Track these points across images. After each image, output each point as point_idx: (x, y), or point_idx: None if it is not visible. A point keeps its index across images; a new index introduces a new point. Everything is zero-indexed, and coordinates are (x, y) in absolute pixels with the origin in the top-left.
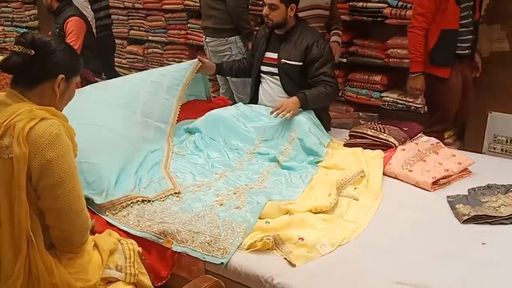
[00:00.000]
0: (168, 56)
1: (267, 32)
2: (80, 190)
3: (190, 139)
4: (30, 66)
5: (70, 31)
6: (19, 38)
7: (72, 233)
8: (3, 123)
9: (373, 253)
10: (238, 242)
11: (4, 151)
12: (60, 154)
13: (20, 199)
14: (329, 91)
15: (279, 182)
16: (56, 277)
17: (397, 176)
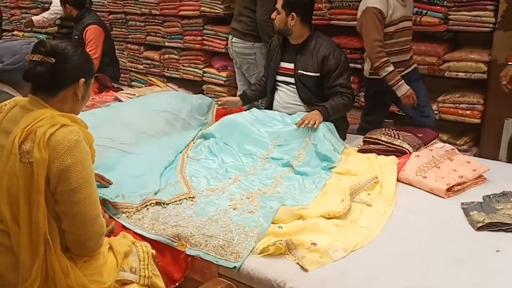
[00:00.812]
0: (184, 62)
1: (281, 42)
2: (96, 197)
3: (205, 144)
4: (52, 74)
5: (90, 40)
6: (37, 47)
7: (87, 238)
8: (25, 128)
9: (385, 259)
10: (251, 246)
11: (25, 155)
12: (79, 160)
13: (38, 203)
14: (346, 101)
15: (292, 187)
16: (72, 279)
17: (411, 183)
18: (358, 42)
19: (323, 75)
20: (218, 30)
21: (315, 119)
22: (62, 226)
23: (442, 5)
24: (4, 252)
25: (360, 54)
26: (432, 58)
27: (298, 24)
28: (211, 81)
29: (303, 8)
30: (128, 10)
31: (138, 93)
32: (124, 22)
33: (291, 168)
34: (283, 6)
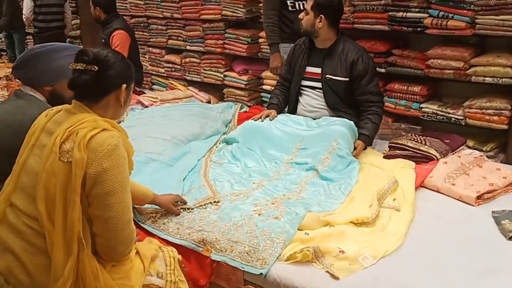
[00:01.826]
0: (205, 66)
1: (307, 47)
2: (129, 203)
3: (228, 149)
4: (96, 81)
5: (116, 45)
6: (79, 56)
7: (117, 243)
8: (67, 129)
9: (415, 267)
10: (277, 253)
11: (64, 154)
12: (116, 164)
13: (74, 202)
14: (379, 113)
15: (317, 193)
16: (101, 282)
17: (439, 190)
18: (382, 46)
19: (352, 80)
20: (239, 34)
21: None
22: (94, 229)
23: (469, 9)
24: (37, 253)
25: (384, 58)
26: (458, 63)
27: (326, 27)
28: (232, 84)
29: (332, 12)
30: (150, 14)
31: (160, 97)
32: (146, 26)
33: (315, 172)
34: (312, 8)
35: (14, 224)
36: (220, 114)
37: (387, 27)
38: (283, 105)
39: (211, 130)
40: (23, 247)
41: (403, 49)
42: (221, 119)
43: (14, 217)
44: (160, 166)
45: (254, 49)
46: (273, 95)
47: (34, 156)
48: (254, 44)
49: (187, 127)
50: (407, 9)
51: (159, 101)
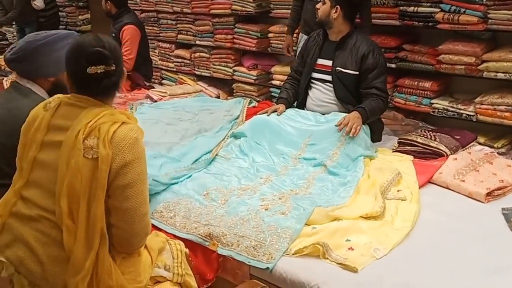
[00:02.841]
0: (214, 60)
1: (321, 39)
2: (147, 195)
3: (236, 143)
4: (117, 79)
5: (126, 40)
6: (96, 57)
7: (133, 234)
8: (88, 124)
9: (423, 265)
10: (283, 248)
11: (88, 151)
12: (137, 157)
13: (99, 198)
14: (382, 105)
15: (325, 189)
16: (113, 279)
17: (448, 186)
18: (393, 41)
19: (361, 74)
20: (249, 29)
21: (357, 124)
22: (112, 220)
23: (481, 3)
24: (51, 244)
25: (394, 53)
26: (470, 58)
27: (340, 18)
28: (241, 79)
29: (348, 4)
30: (160, 8)
31: (170, 91)
32: (156, 21)
33: (323, 168)
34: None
35: (28, 215)
36: (227, 112)
37: (398, 22)
38: (292, 99)
39: (218, 127)
40: (37, 237)
41: (414, 44)
42: (228, 116)
43: (27, 209)
44: (168, 160)
45: (263, 44)
46: (283, 89)
47: (47, 152)
48: (263, 39)
49: (194, 126)
50: (418, 3)
51: (168, 96)
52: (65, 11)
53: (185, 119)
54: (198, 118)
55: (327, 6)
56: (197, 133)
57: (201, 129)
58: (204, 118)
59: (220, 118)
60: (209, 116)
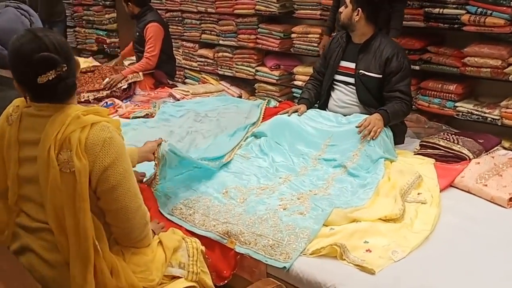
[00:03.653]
0: (237, 60)
1: (344, 41)
2: (136, 188)
3: (256, 143)
4: (71, 77)
5: (150, 37)
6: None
7: (131, 230)
8: (56, 137)
9: (441, 268)
10: (301, 248)
11: (64, 165)
12: (116, 157)
13: (84, 210)
14: (405, 109)
15: (344, 190)
16: (122, 279)
17: (470, 190)
18: (417, 43)
19: (384, 77)
20: (272, 29)
21: (377, 126)
22: (107, 220)
23: (508, 5)
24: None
25: (418, 55)
26: (496, 61)
27: (363, 21)
28: (263, 80)
29: (370, 6)
30: (185, 8)
31: (192, 90)
32: (180, 20)
33: (343, 169)
34: (351, 1)
35: (29, 226)
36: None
37: (423, 24)
38: (314, 100)
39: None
40: (43, 245)
41: (438, 46)
42: (246, 120)
43: (28, 221)
44: None
45: (286, 44)
46: (304, 90)
47: (27, 168)
48: (286, 39)
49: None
50: (444, 5)
51: (191, 95)
52: (92, 9)
53: (205, 121)
54: (217, 120)
55: (349, 9)
56: (214, 135)
57: (218, 132)
58: (223, 121)
59: (238, 121)
60: (228, 118)
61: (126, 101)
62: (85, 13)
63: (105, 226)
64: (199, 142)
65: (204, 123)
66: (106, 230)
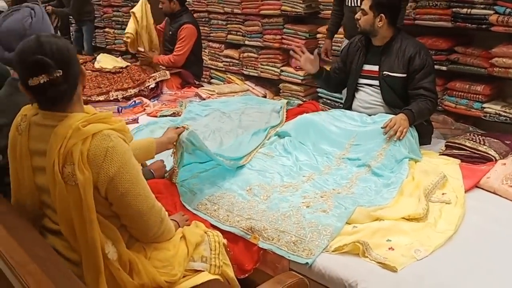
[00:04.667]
0: (262, 60)
1: (364, 45)
2: (147, 190)
3: (280, 142)
4: (67, 84)
5: (182, 37)
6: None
7: (147, 229)
8: (59, 151)
9: (463, 268)
10: (323, 245)
11: (70, 178)
12: (120, 165)
13: (91, 221)
14: (430, 106)
15: (368, 189)
16: (143, 275)
17: (495, 191)
18: (444, 43)
19: (408, 76)
20: (298, 29)
21: (403, 126)
22: (122, 222)
23: None
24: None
25: (445, 55)
26: None
27: (386, 25)
28: (288, 80)
29: (393, 10)
30: (212, 9)
31: (217, 90)
32: (207, 21)
33: (367, 168)
34: (371, 7)
35: (52, 229)
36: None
37: (450, 24)
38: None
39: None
40: (65, 245)
41: (466, 47)
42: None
43: (51, 224)
44: None
45: (311, 44)
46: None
47: (40, 178)
48: (312, 39)
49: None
50: (471, 5)
51: (216, 94)
52: (121, 11)
53: (228, 121)
54: (239, 122)
55: (369, 16)
56: (236, 136)
57: (239, 133)
58: (244, 122)
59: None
60: (249, 119)
61: (153, 100)
62: (114, 14)
63: (121, 228)
64: (222, 142)
65: (228, 123)
66: (123, 231)
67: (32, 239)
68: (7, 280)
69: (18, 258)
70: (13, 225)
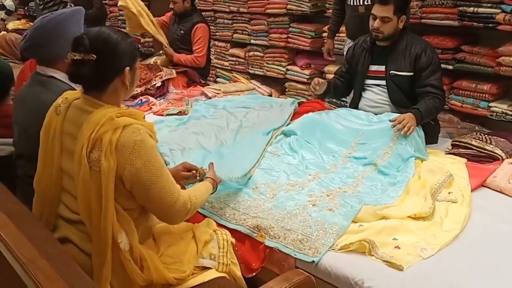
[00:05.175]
0: (268, 59)
1: (369, 45)
2: (171, 183)
3: (286, 141)
4: (98, 71)
5: (199, 38)
6: (76, 45)
7: (172, 217)
8: (90, 136)
9: (470, 267)
10: (330, 243)
11: (95, 163)
12: (147, 159)
13: (107, 208)
14: (438, 104)
15: (374, 188)
16: (152, 271)
17: (502, 190)
18: (450, 42)
19: (415, 74)
20: (303, 28)
21: (411, 124)
22: (147, 210)
23: None
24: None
25: (452, 54)
26: None
27: (402, 24)
28: (294, 79)
29: (408, 8)
30: (217, 8)
31: (223, 89)
32: (212, 20)
33: (373, 167)
34: (395, 13)
35: (69, 218)
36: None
37: (457, 23)
38: (333, 86)
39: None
40: (80, 236)
41: (472, 46)
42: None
43: (68, 213)
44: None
45: (317, 43)
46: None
47: (66, 161)
48: (318, 38)
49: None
50: (478, 4)
51: (222, 93)
52: None
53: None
54: (246, 122)
55: (394, 21)
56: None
57: (245, 132)
58: (249, 122)
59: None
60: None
61: (160, 98)
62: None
63: (136, 221)
64: (226, 142)
65: (232, 123)
66: (137, 226)
67: (41, 235)
68: (17, 276)
69: (28, 254)
70: (23, 221)
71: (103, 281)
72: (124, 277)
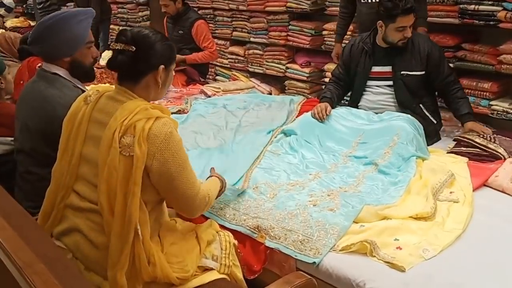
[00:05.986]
0: (268, 57)
1: (370, 47)
2: (193, 177)
3: (286, 140)
4: (134, 62)
5: (204, 34)
6: (119, 36)
7: (192, 211)
8: (123, 122)
9: (472, 267)
10: (331, 244)
11: (125, 149)
12: (175, 151)
13: (134, 193)
14: (460, 87)
15: (375, 187)
16: (158, 268)
17: (504, 190)
18: (451, 40)
19: (429, 72)
20: (303, 26)
21: (483, 128)
22: (167, 202)
23: None
24: (102, 231)
25: (453, 52)
26: None
27: None
28: (294, 77)
29: None
30: (217, 6)
31: (223, 87)
32: (212, 18)
33: (374, 167)
34: (415, 16)
35: (81, 207)
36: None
37: (458, 20)
38: (336, 100)
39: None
40: (90, 226)
41: (473, 44)
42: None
43: (80, 201)
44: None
45: (317, 41)
46: (326, 90)
47: (89, 147)
48: (317, 36)
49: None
50: (479, 2)
51: (222, 92)
52: (126, 7)
53: (233, 120)
54: (245, 121)
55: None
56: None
57: (245, 131)
58: (249, 121)
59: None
60: (255, 119)
61: None
62: (119, 10)
63: (150, 215)
64: (226, 141)
65: (232, 122)
66: (150, 219)
67: (39, 239)
68: (14, 280)
69: (25, 258)
70: (20, 224)
71: (119, 270)
72: (131, 270)
